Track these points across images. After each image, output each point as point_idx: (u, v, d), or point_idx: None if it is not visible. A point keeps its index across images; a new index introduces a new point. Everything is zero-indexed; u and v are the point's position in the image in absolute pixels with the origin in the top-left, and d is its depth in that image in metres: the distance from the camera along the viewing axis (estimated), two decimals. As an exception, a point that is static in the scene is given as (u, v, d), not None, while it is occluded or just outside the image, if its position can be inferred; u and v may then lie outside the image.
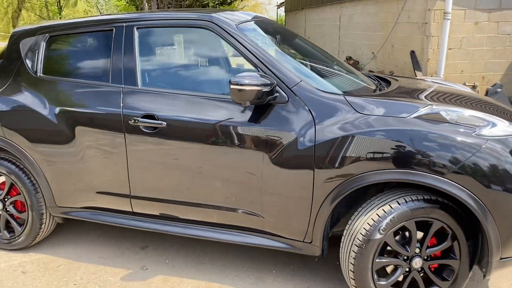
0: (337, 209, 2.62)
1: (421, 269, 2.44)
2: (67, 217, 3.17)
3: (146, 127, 2.72)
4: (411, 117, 2.36)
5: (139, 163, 2.80)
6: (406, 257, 2.42)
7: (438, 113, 2.41)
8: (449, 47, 6.65)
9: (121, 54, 2.86)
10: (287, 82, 2.54)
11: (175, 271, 3.03)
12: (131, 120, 2.73)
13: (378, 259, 2.39)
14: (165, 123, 2.67)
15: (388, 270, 2.52)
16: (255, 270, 3.03)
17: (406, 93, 2.87)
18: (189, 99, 2.70)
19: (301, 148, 2.43)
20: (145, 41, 2.92)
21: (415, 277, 2.44)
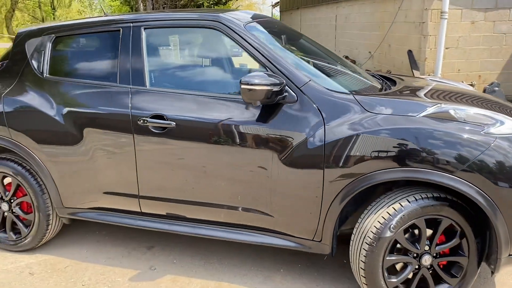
0: (345, 207, 2.62)
1: (430, 266, 2.46)
2: (74, 218, 3.16)
3: (155, 127, 2.72)
4: (420, 116, 2.38)
5: (148, 163, 2.80)
6: (416, 255, 2.44)
7: (447, 111, 2.43)
8: (446, 46, 6.70)
9: (129, 54, 2.86)
10: (296, 82, 2.55)
11: (183, 271, 3.04)
12: (140, 121, 2.74)
13: (388, 257, 2.41)
14: (174, 123, 2.67)
15: (398, 268, 2.54)
16: (263, 269, 3.04)
17: (413, 92, 2.89)
18: (197, 99, 2.71)
19: (310, 148, 2.44)
20: (153, 41, 2.92)
21: (424, 275, 2.46)
